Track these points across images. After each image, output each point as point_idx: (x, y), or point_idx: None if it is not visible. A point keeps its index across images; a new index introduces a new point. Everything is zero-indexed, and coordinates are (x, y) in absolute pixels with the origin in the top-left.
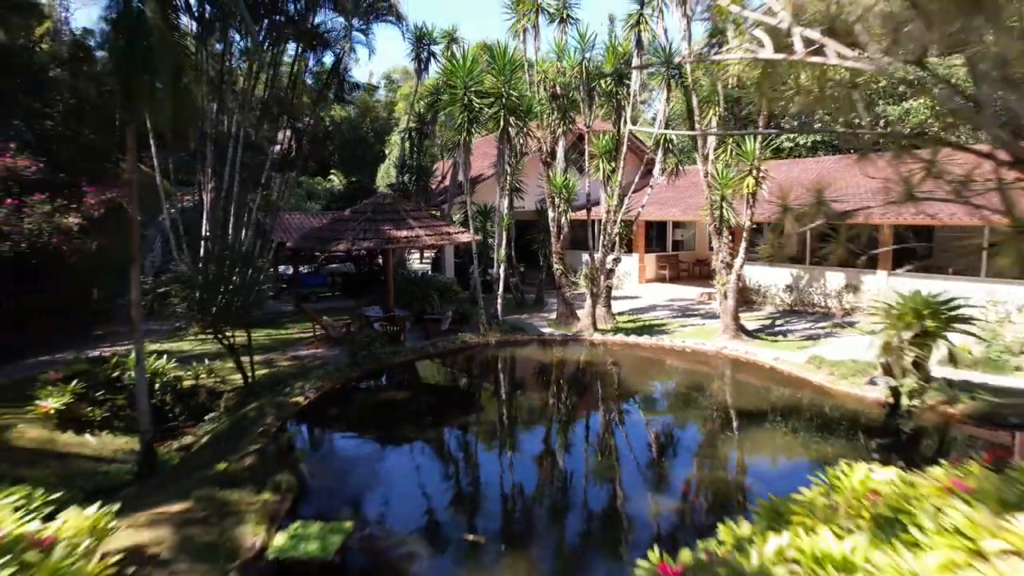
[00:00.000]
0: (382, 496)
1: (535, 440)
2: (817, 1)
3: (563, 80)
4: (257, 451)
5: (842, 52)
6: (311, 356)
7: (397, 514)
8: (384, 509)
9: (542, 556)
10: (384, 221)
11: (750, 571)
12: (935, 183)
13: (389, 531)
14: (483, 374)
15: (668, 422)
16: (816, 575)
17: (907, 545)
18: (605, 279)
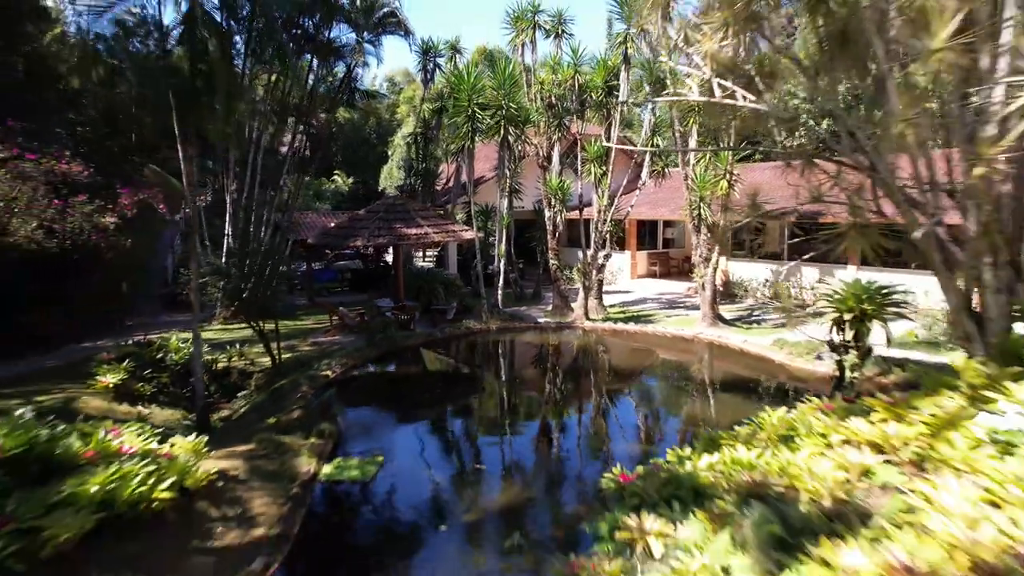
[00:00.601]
0: (404, 442)
1: (529, 402)
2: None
3: (558, 91)
4: (301, 408)
5: (747, 96)
6: (329, 342)
7: (417, 454)
8: (406, 451)
9: (534, 478)
10: (396, 220)
11: (683, 474)
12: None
13: (411, 464)
14: (485, 353)
15: (642, 388)
16: (731, 473)
17: (792, 450)
18: (597, 273)
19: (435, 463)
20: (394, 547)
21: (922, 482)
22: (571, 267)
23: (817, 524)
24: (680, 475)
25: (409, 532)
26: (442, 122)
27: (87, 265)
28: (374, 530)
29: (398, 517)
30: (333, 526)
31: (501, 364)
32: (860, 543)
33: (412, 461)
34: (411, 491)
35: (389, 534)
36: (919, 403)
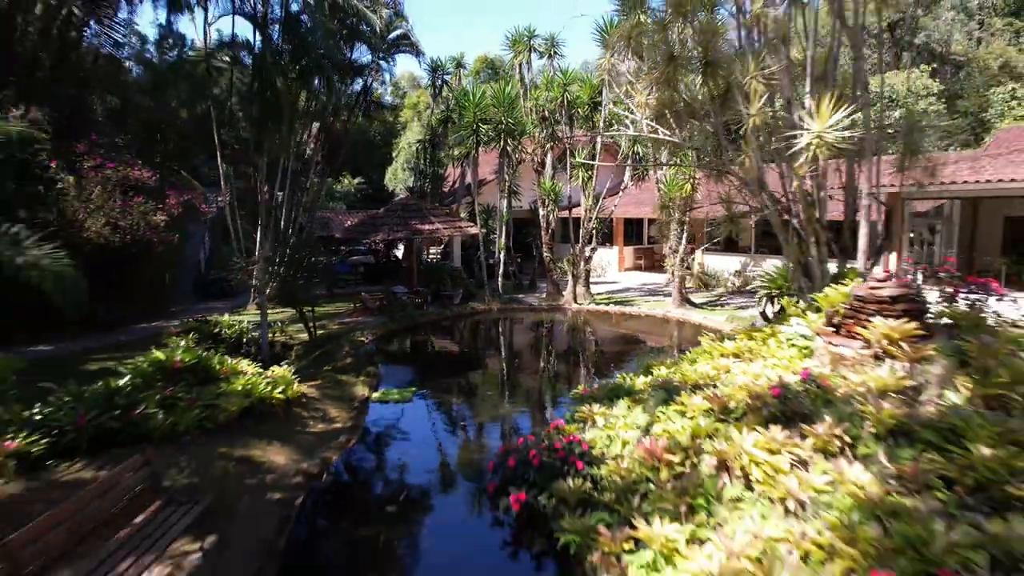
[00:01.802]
0: (428, 382)
1: (523, 356)
2: (654, 106)
3: (550, 106)
4: (351, 359)
5: (665, 131)
6: (354, 322)
7: (439, 389)
8: (431, 386)
9: (526, 396)
10: (411, 217)
11: (624, 386)
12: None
13: (436, 394)
14: (487, 327)
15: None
16: (651, 381)
17: (691, 363)
18: (584, 264)
19: (453, 393)
20: (430, 437)
21: (746, 364)
22: (563, 259)
23: (685, 391)
24: (622, 385)
25: (439, 430)
26: (448, 130)
27: (141, 257)
28: (415, 428)
29: (430, 422)
30: (386, 424)
31: (501, 333)
32: (702, 393)
33: (436, 392)
34: (438, 408)
35: (425, 430)
36: (767, 329)
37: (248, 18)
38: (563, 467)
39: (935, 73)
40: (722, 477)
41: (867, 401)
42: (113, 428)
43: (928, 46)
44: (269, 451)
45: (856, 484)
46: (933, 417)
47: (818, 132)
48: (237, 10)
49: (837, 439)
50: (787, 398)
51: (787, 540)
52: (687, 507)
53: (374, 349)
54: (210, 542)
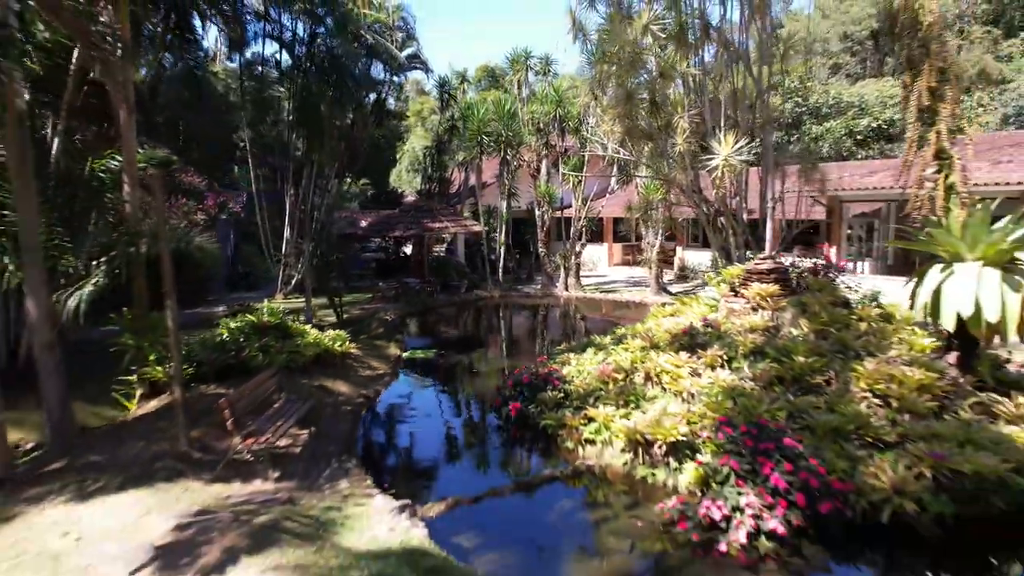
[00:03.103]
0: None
1: (520, 329)
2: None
3: (545, 119)
4: (382, 328)
5: (624, 151)
6: (374, 308)
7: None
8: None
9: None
10: (422, 217)
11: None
12: None
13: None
14: (490, 310)
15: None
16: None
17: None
18: (575, 259)
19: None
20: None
21: (675, 317)
22: (557, 254)
23: (631, 338)
24: (592, 342)
25: (456, 376)
26: (453, 138)
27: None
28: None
29: (449, 371)
30: (415, 373)
31: (502, 315)
32: (641, 336)
33: (452, 353)
34: (455, 363)
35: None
36: (695, 295)
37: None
38: (545, 385)
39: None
40: (648, 385)
41: (741, 335)
42: (230, 364)
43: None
44: (336, 384)
45: (724, 382)
46: (778, 343)
47: (724, 156)
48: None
49: (719, 358)
50: (692, 334)
51: (680, 413)
52: (624, 402)
53: (398, 324)
54: (311, 432)
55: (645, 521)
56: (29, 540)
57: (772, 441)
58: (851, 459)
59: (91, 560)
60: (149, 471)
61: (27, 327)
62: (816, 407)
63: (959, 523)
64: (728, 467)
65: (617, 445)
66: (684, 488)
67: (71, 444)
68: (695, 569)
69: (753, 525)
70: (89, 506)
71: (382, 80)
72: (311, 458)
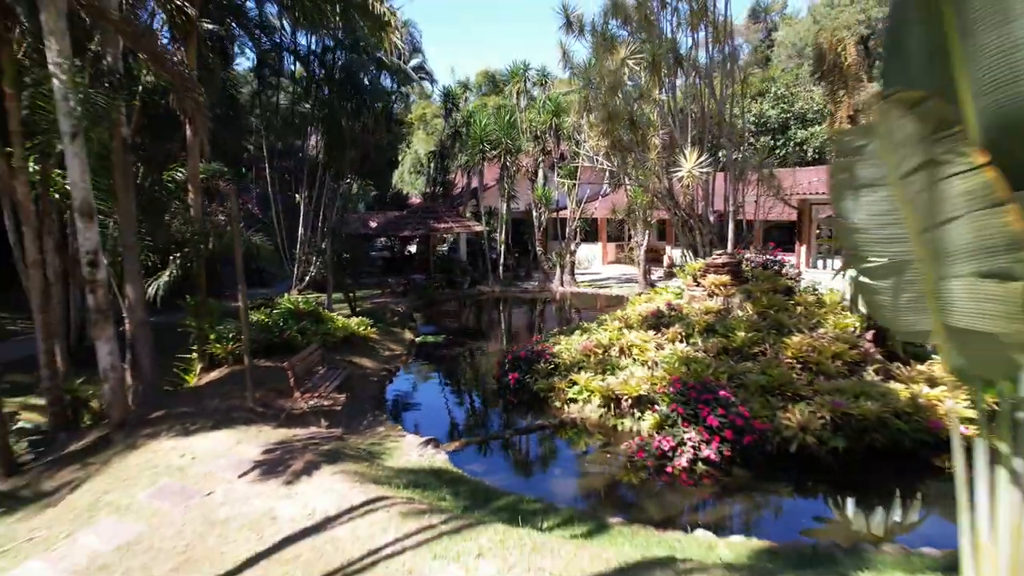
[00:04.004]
0: (453, 332)
1: (519, 319)
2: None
3: (541, 127)
4: (396, 317)
5: (606, 162)
6: (384, 301)
7: (461, 336)
8: (455, 335)
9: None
10: (428, 218)
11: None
12: None
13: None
14: (491, 303)
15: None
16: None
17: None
18: (569, 257)
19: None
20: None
21: (656, 294)
22: (553, 253)
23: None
24: (582, 327)
25: (463, 355)
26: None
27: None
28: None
29: (457, 351)
30: (428, 353)
31: (502, 308)
32: (619, 319)
33: (459, 338)
34: (462, 345)
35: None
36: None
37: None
38: (539, 359)
39: None
40: (621, 357)
41: (698, 316)
42: (275, 342)
43: None
44: (363, 360)
45: (681, 352)
46: (726, 322)
47: (688, 168)
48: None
49: (679, 334)
50: (659, 316)
51: (644, 377)
52: (601, 370)
53: (408, 315)
54: (348, 396)
55: (614, 455)
56: (157, 459)
57: (711, 393)
58: (772, 408)
59: (208, 469)
60: (229, 418)
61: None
62: (751, 371)
63: (849, 454)
64: (676, 413)
65: (595, 402)
66: (645, 431)
67: (161, 400)
68: (650, 485)
69: (692, 454)
70: (193, 439)
71: (391, 91)
72: (350, 413)
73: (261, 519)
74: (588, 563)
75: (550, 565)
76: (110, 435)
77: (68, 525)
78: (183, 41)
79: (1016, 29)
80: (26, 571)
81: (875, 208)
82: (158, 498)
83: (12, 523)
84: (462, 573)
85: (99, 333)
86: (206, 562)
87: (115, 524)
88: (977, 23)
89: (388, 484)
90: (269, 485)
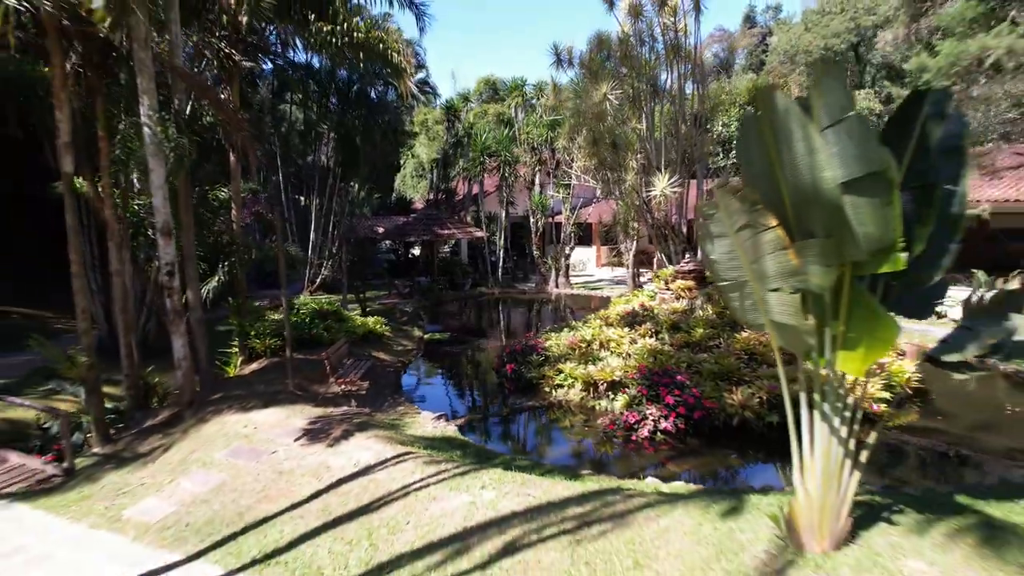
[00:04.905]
0: (457, 330)
1: (517, 318)
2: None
3: (538, 140)
4: (405, 317)
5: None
6: (391, 302)
7: (465, 333)
8: (459, 332)
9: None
10: (433, 224)
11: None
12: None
13: (460, 333)
14: (491, 304)
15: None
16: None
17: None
18: (564, 260)
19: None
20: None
21: (634, 296)
22: (549, 256)
23: (594, 318)
24: (571, 325)
25: (467, 350)
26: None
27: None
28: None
29: (462, 347)
30: (435, 348)
31: (501, 308)
32: (600, 318)
33: (463, 335)
34: (465, 342)
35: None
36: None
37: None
38: (532, 352)
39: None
40: (601, 350)
41: (666, 315)
42: (303, 338)
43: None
44: (380, 354)
45: (650, 345)
46: (689, 320)
47: (661, 189)
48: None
49: (650, 330)
50: (634, 315)
51: (618, 366)
52: (584, 361)
53: (415, 315)
54: (370, 382)
55: (591, 428)
56: (226, 429)
57: (670, 378)
58: (720, 390)
59: (268, 436)
60: (275, 399)
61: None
62: (706, 361)
63: (781, 427)
64: (641, 394)
65: (577, 387)
66: (617, 409)
67: (217, 385)
68: (619, 450)
69: (653, 426)
70: (251, 414)
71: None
72: (374, 396)
73: (318, 468)
74: (560, 491)
75: (533, 492)
76: (181, 412)
77: (168, 475)
78: (228, 81)
79: (798, 150)
80: (145, 505)
81: (723, 249)
82: (233, 456)
83: (123, 474)
84: (470, 498)
85: (174, 329)
86: (281, 497)
87: (204, 474)
88: (781, 144)
89: (411, 445)
90: (318, 446)
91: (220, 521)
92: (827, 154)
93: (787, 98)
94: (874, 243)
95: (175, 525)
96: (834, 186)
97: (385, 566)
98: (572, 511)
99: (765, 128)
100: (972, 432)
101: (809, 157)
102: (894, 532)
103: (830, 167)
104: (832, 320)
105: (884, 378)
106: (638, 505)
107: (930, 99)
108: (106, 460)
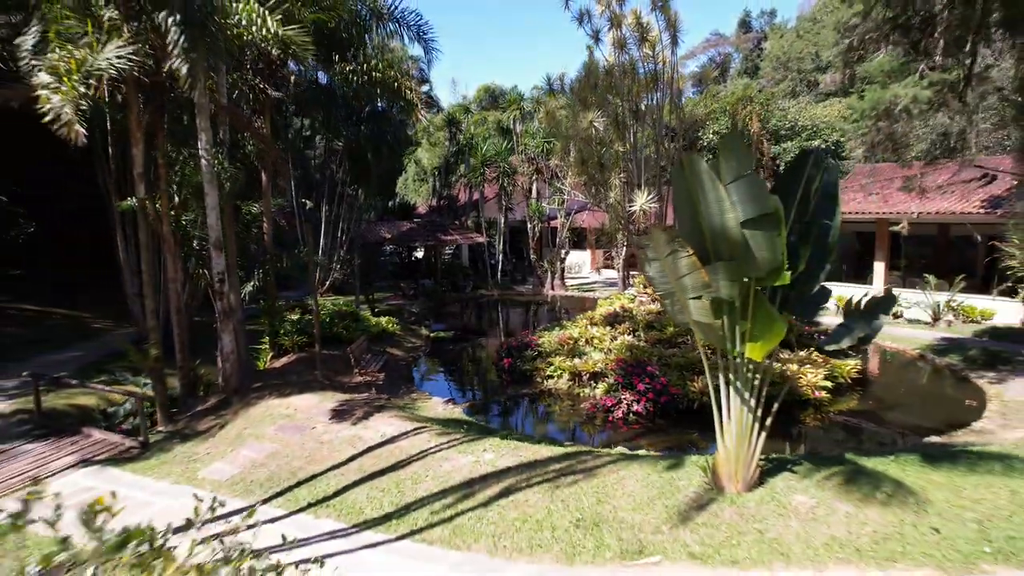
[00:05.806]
0: (460, 328)
1: (515, 318)
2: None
3: (535, 151)
4: (412, 317)
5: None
6: (397, 303)
7: (467, 331)
8: (461, 330)
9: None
10: (436, 229)
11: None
12: None
13: (466, 333)
14: (491, 304)
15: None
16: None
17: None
18: (560, 264)
19: (474, 333)
20: (465, 348)
21: (617, 299)
22: (545, 260)
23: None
24: (561, 324)
25: (469, 346)
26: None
27: None
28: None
29: (464, 344)
30: (440, 345)
31: (500, 308)
32: (587, 318)
33: (465, 333)
34: (467, 339)
35: (462, 347)
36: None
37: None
38: (527, 347)
39: None
40: (586, 346)
41: (643, 316)
42: (325, 335)
43: None
44: (393, 350)
45: (628, 342)
46: (662, 320)
47: (640, 204)
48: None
49: (629, 329)
50: (616, 315)
51: (600, 359)
52: (571, 355)
53: (421, 315)
54: (386, 374)
55: (576, 411)
56: (271, 410)
57: (642, 369)
58: (685, 379)
59: (307, 415)
60: (307, 387)
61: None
62: (675, 355)
63: None
64: (617, 382)
65: (564, 377)
66: (597, 396)
67: (255, 376)
68: (599, 428)
69: (627, 408)
70: (289, 399)
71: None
72: (390, 386)
73: (352, 439)
74: (545, 453)
75: (524, 454)
76: (228, 398)
77: (227, 447)
78: (260, 112)
79: (711, 198)
80: (215, 467)
81: (656, 269)
82: (281, 431)
83: (190, 446)
84: (474, 458)
85: (223, 327)
86: (325, 460)
87: (258, 445)
88: (699, 193)
89: (425, 423)
90: (348, 423)
91: (277, 478)
92: (731, 201)
93: (701, 161)
94: (767, 264)
95: (242, 481)
96: (736, 224)
97: (411, 505)
98: (553, 467)
99: (690, 182)
100: (894, 413)
101: (719, 204)
102: (792, 479)
103: (734, 210)
104: (741, 320)
105: (828, 369)
106: (604, 462)
107: (812, 157)
108: (171, 436)
